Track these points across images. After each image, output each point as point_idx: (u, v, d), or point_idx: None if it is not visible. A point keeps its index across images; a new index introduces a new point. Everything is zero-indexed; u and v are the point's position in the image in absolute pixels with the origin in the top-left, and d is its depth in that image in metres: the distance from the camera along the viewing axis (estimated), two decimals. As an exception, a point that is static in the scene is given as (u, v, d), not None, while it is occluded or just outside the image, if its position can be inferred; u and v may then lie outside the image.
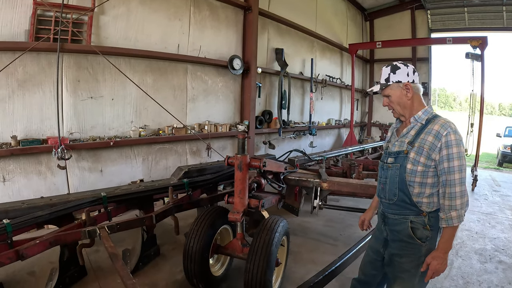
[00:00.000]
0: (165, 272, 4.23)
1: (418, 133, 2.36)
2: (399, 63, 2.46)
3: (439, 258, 2.29)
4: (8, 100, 4.93)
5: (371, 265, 2.83)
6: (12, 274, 3.99)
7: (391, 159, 2.49)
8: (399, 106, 2.47)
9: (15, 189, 5.05)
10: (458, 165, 2.21)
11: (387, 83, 2.46)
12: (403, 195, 2.41)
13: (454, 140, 2.21)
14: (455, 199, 2.21)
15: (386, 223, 2.59)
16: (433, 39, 11.64)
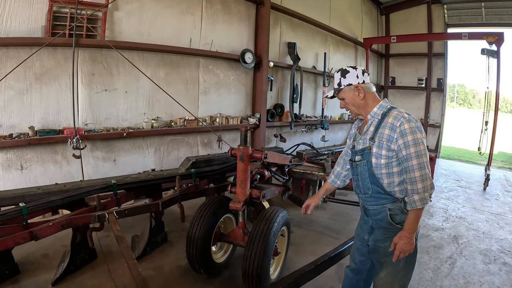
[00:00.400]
0: (170, 257, 4.44)
1: (377, 128, 2.51)
2: (348, 67, 2.62)
3: (405, 238, 2.42)
4: (26, 92, 5.19)
5: (358, 252, 2.98)
6: (27, 256, 4.25)
7: (358, 157, 2.65)
8: (354, 106, 2.65)
9: (32, 177, 5.33)
10: (415, 151, 2.34)
11: (340, 87, 2.64)
12: (376, 187, 2.57)
13: (408, 128, 2.35)
14: (416, 183, 2.36)
15: (368, 214, 2.74)
16: (448, 34, 11.41)
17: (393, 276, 2.63)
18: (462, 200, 7.21)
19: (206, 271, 3.88)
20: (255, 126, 8.46)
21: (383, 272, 2.67)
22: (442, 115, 12.40)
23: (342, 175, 3.07)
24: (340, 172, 3.08)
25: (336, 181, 3.12)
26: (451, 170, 10.24)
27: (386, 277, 2.65)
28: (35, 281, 3.77)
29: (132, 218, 5.13)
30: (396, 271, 2.61)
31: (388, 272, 2.63)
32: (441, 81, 12.27)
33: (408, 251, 2.46)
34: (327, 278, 4.00)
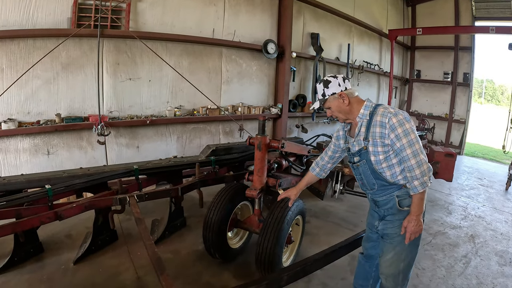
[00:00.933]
0: (188, 241, 4.59)
1: (368, 127, 2.63)
2: (328, 77, 2.72)
3: (413, 220, 2.57)
4: (53, 81, 5.41)
5: (369, 239, 3.11)
6: (51, 236, 4.50)
7: (357, 158, 2.78)
8: (341, 113, 2.75)
9: (58, 162, 5.57)
10: (407, 141, 2.47)
11: (324, 97, 2.74)
12: (380, 181, 2.71)
13: (396, 122, 2.48)
14: (413, 170, 2.50)
15: (378, 205, 2.86)
16: (475, 28, 11.02)
17: (398, 256, 2.76)
18: (482, 199, 7.05)
19: (221, 255, 4.01)
20: (277, 116, 8.52)
21: (389, 253, 2.79)
22: (467, 110, 12.05)
23: (327, 168, 3.22)
24: (325, 165, 3.21)
25: (321, 174, 3.27)
26: (474, 168, 10.00)
27: (392, 258, 2.78)
28: (57, 260, 3.99)
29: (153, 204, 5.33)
30: (401, 251, 2.74)
31: (395, 252, 2.76)
32: (468, 76, 11.91)
33: (418, 232, 2.62)
34: (339, 269, 4.08)
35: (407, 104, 13.51)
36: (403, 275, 2.83)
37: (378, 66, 11.89)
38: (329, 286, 3.78)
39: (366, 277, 3.23)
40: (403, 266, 2.79)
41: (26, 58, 5.11)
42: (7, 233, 3.22)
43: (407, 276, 2.89)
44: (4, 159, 5.18)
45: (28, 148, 5.33)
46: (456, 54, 12.02)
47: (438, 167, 5.98)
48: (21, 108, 5.23)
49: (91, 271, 3.82)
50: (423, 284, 3.84)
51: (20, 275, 3.64)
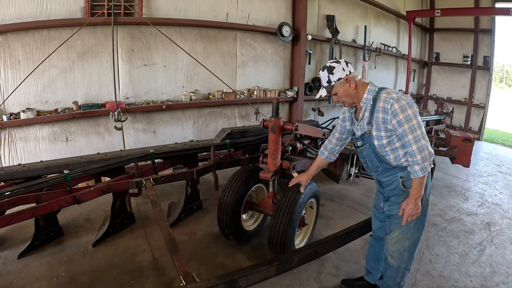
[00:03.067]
0: (204, 224, 4.68)
1: (371, 112, 2.65)
2: (331, 63, 2.71)
3: (411, 203, 2.60)
4: (69, 70, 5.54)
5: (376, 219, 3.19)
6: (71, 220, 4.64)
7: (360, 142, 2.82)
8: (348, 98, 2.75)
9: (77, 148, 5.74)
10: (408, 127, 2.48)
11: (330, 84, 2.71)
12: (384, 164, 2.76)
13: (398, 108, 2.48)
14: (414, 155, 2.52)
15: (383, 186, 2.93)
16: (495, 9, 10.56)
17: (404, 235, 2.83)
18: (500, 187, 6.87)
19: (236, 237, 4.06)
20: (293, 100, 8.53)
21: (395, 231, 2.87)
22: (487, 95, 11.67)
23: (335, 150, 3.22)
24: (333, 148, 3.21)
25: (331, 157, 3.27)
26: (493, 155, 9.72)
27: (398, 236, 2.86)
28: (77, 242, 4.13)
29: (171, 187, 5.48)
30: (407, 230, 2.81)
31: (400, 231, 2.84)
32: (488, 59, 11.51)
33: (415, 215, 2.65)
34: (352, 252, 4.10)
35: (426, 87, 13.25)
36: (408, 253, 2.89)
37: (396, 48, 11.67)
38: (342, 269, 3.80)
39: (377, 259, 3.27)
40: (409, 244, 2.84)
41: (42, 49, 5.24)
42: (27, 217, 3.34)
43: (413, 255, 2.94)
44: (24, 147, 5.36)
45: (47, 136, 5.49)
46: (476, 36, 11.63)
47: (455, 152, 5.88)
48: (39, 98, 5.39)
49: (109, 253, 3.93)
50: (436, 270, 3.81)
51: (40, 258, 3.77)
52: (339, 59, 2.74)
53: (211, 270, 3.69)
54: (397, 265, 2.93)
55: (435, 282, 3.60)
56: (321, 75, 2.76)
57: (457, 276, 3.73)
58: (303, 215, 3.83)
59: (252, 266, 2.57)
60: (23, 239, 4.06)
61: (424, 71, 13.39)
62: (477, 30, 11.58)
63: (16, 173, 3.91)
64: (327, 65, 2.72)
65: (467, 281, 3.66)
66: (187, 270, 2.26)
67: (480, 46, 11.64)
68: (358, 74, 2.75)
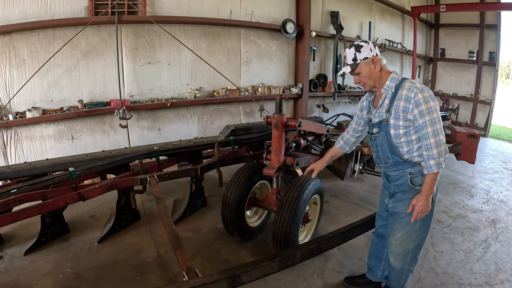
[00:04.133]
0: (208, 220, 4.71)
1: (392, 100, 2.58)
2: (360, 42, 2.63)
3: (422, 200, 2.53)
4: (74, 69, 5.59)
5: (380, 217, 3.15)
6: (77, 217, 4.70)
7: (376, 129, 2.73)
8: (371, 80, 2.66)
9: (82, 146, 5.79)
10: (429, 119, 2.42)
11: (356, 62, 2.61)
12: (396, 156, 2.68)
13: (421, 98, 2.42)
14: (431, 149, 2.45)
15: (390, 180, 2.85)
16: (500, 4, 10.46)
17: (408, 236, 2.76)
18: (506, 183, 6.79)
19: (240, 233, 4.09)
20: (298, 96, 8.51)
21: (399, 232, 2.79)
22: (493, 91, 11.50)
23: (351, 142, 3.19)
24: (349, 139, 3.18)
25: (345, 147, 3.24)
26: (499, 151, 9.61)
27: (402, 237, 2.79)
28: (82, 239, 4.18)
29: (176, 184, 5.51)
30: (411, 231, 2.74)
31: (405, 231, 2.76)
32: (494, 55, 11.37)
33: (425, 213, 2.58)
34: (356, 248, 4.10)
35: (431, 83, 13.14)
36: (412, 255, 2.83)
37: (401, 44, 11.59)
38: (346, 265, 3.80)
39: (379, 257, 3.25)
40: (413, 247, 2.79)
41: (47, 48, 5.29)
42: (33, 214, 3.39)
43: (416, 257, 2.89)
44: (30, 146, 5.42)
45: (53, 134, 5.55)
46: (481, 32, 11.52)
47: (460, 148, 5.82)
48: (44, 96, 5.44)
49: (115, 249, 3.97)
50: (441, 267, 3.79)
51: (47, 255, 3.82)
52: (368, 40, 2.64)
53: (215, 266, 3.72)
54: (400, 267, 2.90)
55: (439, 279, 3.57)
56: (347, 53, 2.66)
57: (462, 273, 3.71)
58: (307, 211, 3.83)
59: (254, 261, 2.58)
60: (30, 236, 4.11)
61: (429, 67, 13.28)
62: (482, 26, 11.45)
63: (22, 171, 3.96)
64: (355, 43, 2.63)
65: (471, 279, 3.63)
66: (190, 266, 2.28)
67: (486, 41, 11.52)
68: (384, 59, 2.67)
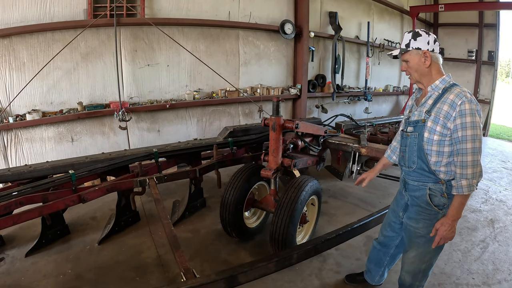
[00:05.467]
0: (207, 221, 4.74)
1: (435, 102, 2.40)
2: (420, 31, 2.45)
3: (447, 224, 2.38)
4: (73, 71, 5.63)
5: (390, 227, 3.02)
6: (77, 218, 4.73)
7: (411, 128, 2.56)
8: (417, 72, 2.51)
9: (82, 148, 5.83)
10: (472, 135, 2.23)
11: (407, 48, 2.46)
12: (422, 163, 2.50)
13: (468, 109, 2.23)
14: (466, 168, 2.26)
15: (407, 188, 2.71)
16: (499, 4, 10.43)
17: (422, 257, 2.69)
18: (505, 183, 6.81)
19: (238, 234, 4.12)
20: (296, 97, 8.53)
21: (412, 251, 2.72)
22: (492, 90, 11.52)
23: (397, 150, 2.93)
24: (396, 147, 2.96)
25: (392, 156, 3.02)
26: (499, 150, 9.61)
27: (415, 257, 2.72)
28: (83, 240, 4.22)
29: (175, 186, 5.55)
30: (425, 252, 2.66)
31: (418, 252, 2.68)
32: (493, 54, 11.38)
33: (449, 239, 2.44)
34: (355, 249, 4.12)
35: (431, 83, 13.13)
36: (423, 274, 2.79)
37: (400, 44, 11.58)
38: (344, 266, 3.82)
39: (379, 264, 3.25)
40: (424, 267, 2.73)
41: (46, 51, 5.33)
42: (34, 216, 3.42)
43: (427, 274, 2.82)
44: (30, 148, 5.47)
45: (53, 137, 5.59)
46: (480, 31, 11.52)
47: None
48: (44, 99, 5.49)
49: (115, 250, 4.01)
50: (438, 267, 3.77)
51: (47, 256, 3.86)
52: (431, 33, 2.45)
53: (214, 267, 3.75)
54: (410, 283, 2.85)
55: (437, 279, 3.59)
56: (404, 36, 2.52)
57: (459, 273, 3.72)
58: (304, 212, 3.87)
59: (252, 262, 2.61)
60: (31, 238, 4.14)
61: (429, 67, 13.26)
62: (481, 25, 11.46)
63: (22, 174, 3.99)
64: (416, 30, 2.45)
65: (469, 279, 3.65)
66: (188, 266, 2.32)
67: (485, 41, 11.52)
68: (441, 58, 2.50)
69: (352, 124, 6.48)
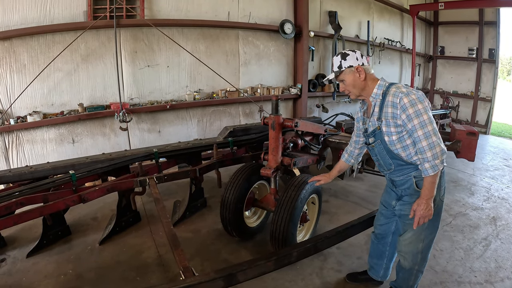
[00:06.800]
0: (208, 221, 4.75)
1: (381, 107, 2.57)
2: (347, 51, 2.63)
3: (422, 204, 2.49)
4: (74, 73, 5.65)
5: (382, 215, 3.10)
6: (78, 219, 4.75)
7: (372, 139, 2.73)
8: (355, 88, 2.67)
9: (83, 149, 5.85)
10: (418, 122, 2.39)
11: (340, 69, 2.63)
12: (397, 161, 2.66)
13: (407, 102, 2.40)
14: (424, 152, 2.42)
15: (395, 185, 2.84)
16: (499, 1, 10.28)
17: (417, 236, 2.75)
18: (507, 181, 6.78)
19: (239, 234, 4.13)
20: (297, 97, 8.53)
21: (409, 232, 2.78)
22: (493, 88, 11.46)
23: (355, 154, 3.15)
24: (352, 151, 3.15)
25: (350, 160, 3.19)
26: (500, 148, 9.58)
27: (411, 237, 2.78)
28: (84, 241, 4.23)
29: (176, 186, 5.57)
30: (420, 231, 2.71)
31: (413, 233, 2.74)
32: (493, 52, 11.34)
33: (427, 217, 2.54)
34: (356, 247, 4.12)
35: (431, 81, 13.13)
36: (422, 256, 2.82)
37: (400, 43, 11.59)
38: (345, 264, 3.82)
39: (381, 256, 3.27)
40: (422, 246, 2.78)
41: (47, 53, 5.36)
42: (35, 217, 3.44)
43: (426, 257, 2.87)
44: (31, 150, 5.49)
45: (54, 138, 5.62)
46: (480, 29, 11.48)
47: (459, 146, 5.84)
48: (45, 101, 5.52)
49: (116, 250, 4.02)
50: (440, 265, 3.79)
51: (49, 257, 3.88)
52: (356, 50, 2.67)
53: (215, 266, 3.74)
54: (409, 267, 2.89)
55: (439, 278, 3.58)
56: (334, 60, 2.69)
57: (461, 272, 3.71)
58: (305, 210, 3.87)
59: (251, 260, 2.60)
60: (32, 239, 4.16)
61: (429, 65, 13.27)
62: (481, 23, 11.43)
63: (23, 175, 4.02)
64: (343, 51, 2.64)
65: (471, 277, 3.64)
66: (187, 265, 2.32)
67: (485, 38, 11.49)
68: (371, 69, 2.69)
69: (352, 123, 6.47)
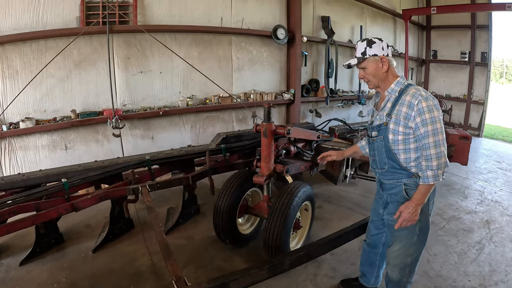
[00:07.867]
0: (201, 228, 4.74)
1: (394, 104, 2.53)
2: (373, 38, 2.59)
3: (411, 207, 2.48)
4: (66, 79, 5.63)
5: (374, 225, 3.11)
6: (71, 227, 4.73)
7: (375, 133, 2.69)
8: (375, 78, 2.62)
9: (76, 156, 5.82)
10: (432, 129, 2.36)
11: (364, 56, 2.58)
12: (392, 162, 2.62)
13: (425, 106, 2.36)
14: (431, 160, 2.40)
15: (384, 188, 2.82)
16: (491, 5, 10.53)
17: (406, 249, 2.73)
18: (500, 183, 6.85)
19: (232, 241, 4.14)
20: (290, 102, 8.54)
21: (396, 245, 2.77)
22: (486, 91, 11.59)
23: None
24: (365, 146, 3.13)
25: (365, 148, 3.14)
26: (493, 151, 9.69)
27: (399, 250, 2.77)
28: (77, 248, 4.22)
29: (170, 193, 5.56)
30: (409, 245, 2.71)
31: (402, 245, 2.73)
32: (486, 55, 11.47)
33: (411, 222, 2.52)
34: (349, 253, 4.13)
35: (424, 85, 13.16)
36: (410, 268, 2.82)
37: (393, 47, 11.67)
38: (339, 271, 3.83)
39: (371, 265, 3.28)
40: (411, 261, 2.77)
41: (39, 59, 5.33)
42: (28, 225, 3.43)
43: (414, 269, 2.87)
44: (24, 156, 5.46)
45: (47, 145, 5.58)
46: (473, 33, 11.59)
47: (452, 150, 5.87)
48: (37, 107, 5.49)
49: (109, 258, 4.01)
50: (434, 270, 3.81)
51: (42, 265, 3.86)
52: (383, 39, 2.60)
53: (208, 274, 3.74)
54: (397, 279, 2.87)
55: (433, 282, 3.60)
56: (358, 45, 2.63)
57: (455, 276, 3.73)
58: (297, 217, 3.88)
59: (243, 269, 2.60)
60: (25, 247, 4.14)
61: (422, 69, 13.35)
62: (474, 27, 11.53)
63: (16, 182, 4.01)
64: (369, 38, 2.60)
65: (465, 281, 3.66)
66: (179, 275, 2.32)
67: (478, 42, 11.60)
68: (394, 61, 2.64)
69: (345, 128, 6.49)
